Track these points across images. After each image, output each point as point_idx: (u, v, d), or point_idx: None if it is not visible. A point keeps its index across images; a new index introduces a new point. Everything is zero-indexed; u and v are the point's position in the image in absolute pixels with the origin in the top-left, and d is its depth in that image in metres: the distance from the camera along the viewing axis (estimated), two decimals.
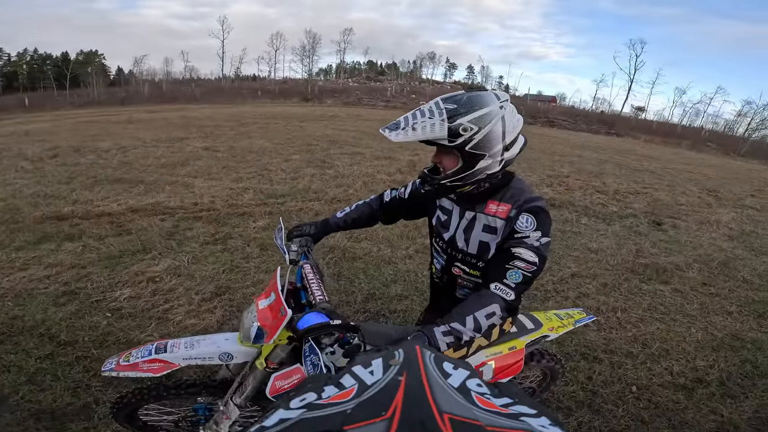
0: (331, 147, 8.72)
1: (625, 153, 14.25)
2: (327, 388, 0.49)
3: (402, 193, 1.52)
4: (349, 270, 3.29)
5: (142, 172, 5.92)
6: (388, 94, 38.06)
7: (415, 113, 1.11)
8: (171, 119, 13.85)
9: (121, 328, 2.40)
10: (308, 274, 1.31)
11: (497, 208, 1.21)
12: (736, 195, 8.24)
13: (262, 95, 35.81)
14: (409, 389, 0.45)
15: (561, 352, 2.49)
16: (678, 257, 4.20)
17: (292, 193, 5.18)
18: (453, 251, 1.34)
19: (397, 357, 0.53)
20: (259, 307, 1.21)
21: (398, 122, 1.10)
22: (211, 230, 3.88)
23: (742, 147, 28.67)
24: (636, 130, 29.81)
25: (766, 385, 2.38)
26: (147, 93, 34.57)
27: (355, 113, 19.78)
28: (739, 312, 3.22)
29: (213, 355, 1.25)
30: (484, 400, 0.46)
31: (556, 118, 30.86)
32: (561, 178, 7.54)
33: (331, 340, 1.13)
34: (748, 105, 40.64)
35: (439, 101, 1.11)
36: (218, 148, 7.95)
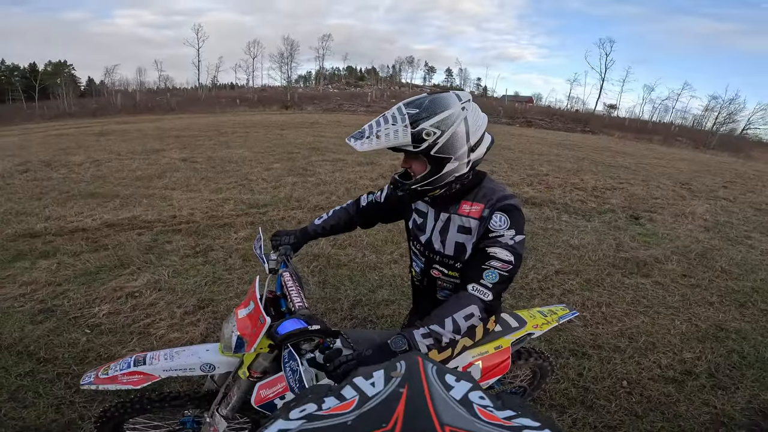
0: (312, 154, 8.66)
1: (601, 150, 14.62)
2: (327, 399, 0.49)
3: (378, 197, 1.53)
4: (334, 277, 3.25)
5: (117, 186, 5.76)
6: (368, 99, 38.14)
7: (379, 120, 1.12)
8: (146, 130, 13.53)
9: (102, 344, 2.36)
10: (287, 282, 1.31)
11: (470, 208, 1.22)
12: (708, 187, 8.54)
13: (240, 104, 35.38)
14: (410, 401, 0.45)
15: (550, 349, 2.51)
16: (657, 250, 4.31)
17: (274, 202, 5.12)
18: (430, 253, 1.34)
19: (399, 369, 0.53)
20: (239, 316, 1.21)
21: (363, 130, 1.11)
22: (191, 243, 3.79)
23: (712, 140, 29.83)
24: (609, 128, 30.66)
25: (755, 375, 2.42)
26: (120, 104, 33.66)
27: (335, 119, 19.73)
28: (721, 302, 3.31)
29: (194, 366, 1.24)
30: (486, 413, 0.45)
31: (534, 117, 31.52)
32: (541, 177, 7.67)
33: (311, 346, 1.13)
34: (714, 100, 42.33)
35: (402, 106, 1.12)
36: (196, 159, 7.80)
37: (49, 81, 44.41)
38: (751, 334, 2.86)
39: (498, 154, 10.25)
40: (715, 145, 28.04)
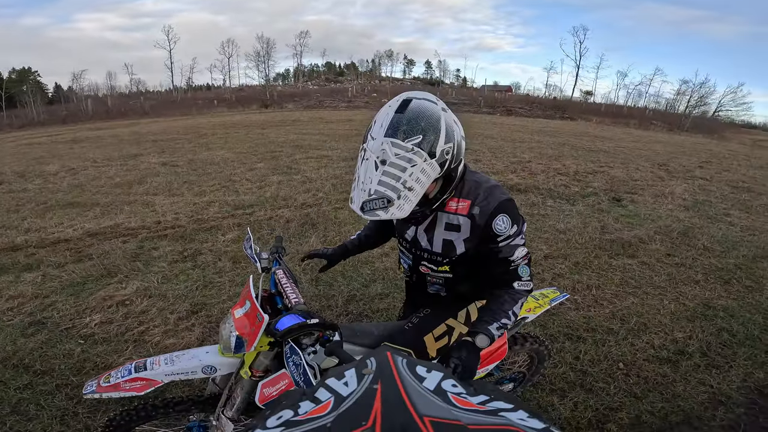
0: (296, 152, 8.57)
1: (580, 135, 14.87)
2: (303, 404, 0.49)
3: None
4: (326, 274, 3.23)
5: (96, 194, 5.60)
6: (349, 94, 37.86)
7: (390, 170, 0.99)
8: (121, 135, 13.16)
9: (97, 353, 2.33)
10: (281, 279, 1.32)
11: (457, 205, 1.20)
12: (685, 167, 8.80)
13: (218, 104, 34.65)
14: (386, 397, 0.45)
15: (545, 334, 2.56)
16: (640, 230, 4.42)
17: (260, 203, 5.05)
18: (417, 251, 1.34)
19: (370, 366, 0.53)
20: (235, 316, 1.21)
21: (381, 195, 0.99)
22: (179, 248, 3.72)
23: (685, 123, 30.58)
24: (587, 113, 31.17)
25: (747, 353, 2.48)
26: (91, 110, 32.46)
27: (317, 116, 19.54)
28: (706, 280, 3.41)
29: (196, 369, 1.23)
30: (461, 400, 0.46)
31: (513, 106, 31.80)
32: (524, 164, 7.78)
33: (311, 340, 1.13)
34: (686, 84, 43.44)
35: (398, 142, 0.99)
36: (177, 163, 7.64)
37: (15, 89, 42.57)
38: (738, 311, 2.94)
39: (481, 143, 10.34)
40: (688, 127, 28.76)
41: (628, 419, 1.96)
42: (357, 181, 1.05)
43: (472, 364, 1.11)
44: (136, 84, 55.60)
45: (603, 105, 41.86)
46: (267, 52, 53.24)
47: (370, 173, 1.01)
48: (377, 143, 1.01)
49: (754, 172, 9.31)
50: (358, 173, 1.06)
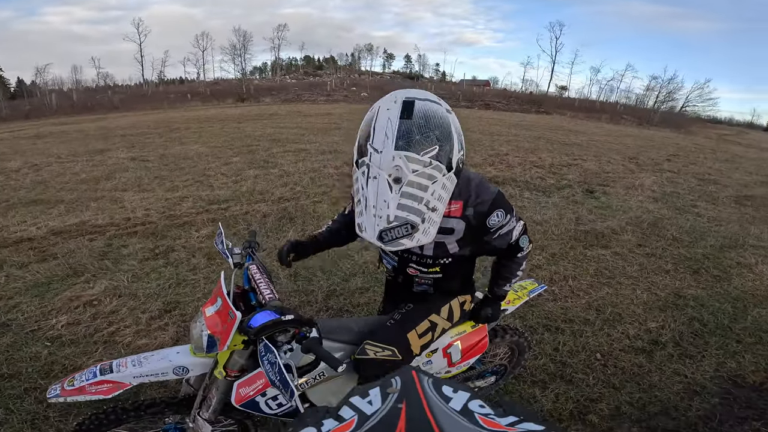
0: (273, 146, 8.39)
1: (555, 129, 15.18)
2: (326, 422, 0.48)
3: (344, 209, 1.48)
4: (305, 269, 3.19)
5: (61, 191, 5.32)
6: (328, 88, 37.39)
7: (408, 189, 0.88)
8: (88, 130, 12.58)
9: (65, 355, 2.24)
10: (255, 275, 1.27)
11: (450, 207, 1.12)
12: (654, 160, 9.11)
13: (192, 98, 33.59)
14: (410, 416, 0.44)
15: (525, 326, 2.58)
16: (612, 222, 4.55)
17: (236, 197, 4.92)
18: (405, 253, 1.29)
19: (395, 385, 0.52)
20: (207, 314, 1.16)
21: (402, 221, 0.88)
22: (150, 245, 3.58)
23: (654, 118, 31.72)
24: (562, 108, 31.93)
25: (718, 342, 2.56)
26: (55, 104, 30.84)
27: (295, 110, 19.21)
28: (675, 270, 3.52)
29: (166, 370, 1.18)
30: (488, 421, 0.45)
31: (491, 100, 32.24)
32: (501, 156, 7.88)
33: (287, 337, 1.10)
34: (655, 80, 45.02)
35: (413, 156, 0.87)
36: (147, 158, 7.35)
37: None
38: (708, 300, 3.05)
39: None
40: (657, 122, 29.83)
41: (608, 410, 1.99)
42: (365, 205, 0.90)
43: (497, 315, 1.51)
44: (103, 78, 53.35)
45: (577, 100, 42.84)
46: (244, 45, 52.00)
47: (384, 196, 0.88)
48: (386, 157, 0.87)
49: (720, 165, 9.73)
50: (364, 195, 0.91)
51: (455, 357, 1.58)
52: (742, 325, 2.76)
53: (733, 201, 6.04)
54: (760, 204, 6.03)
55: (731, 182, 7.49)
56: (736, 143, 20.00)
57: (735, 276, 3.48)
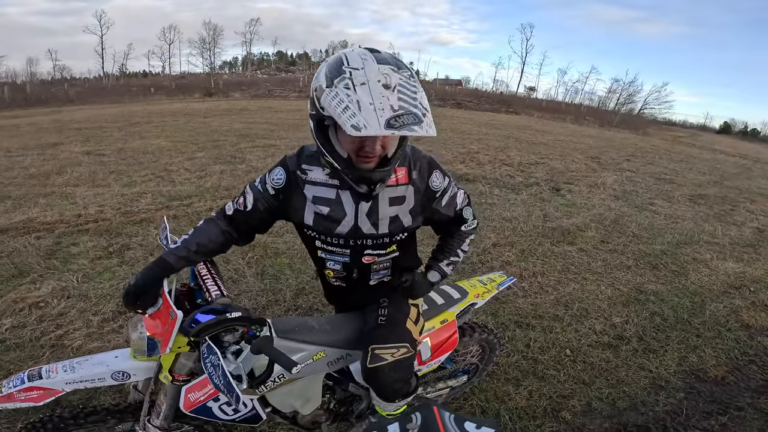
0: (241, 141, 8.11)
1: (523, 129, 15.56)
2: None
3: (241, 204, 1.20)
4: (273, 267, 3.08)
5: (8, 186, 4.92)
6: (300, 84, 36.73)
7: (403, 91, 0.87)
8: (40, 124, 11.74)
9: (10, 360, 2.10)
10: (201, 271, 1.18)
11: (396, 176, 1.11)
12: (614, 160, 9.49)
13: (155, 92, 32.09)
14: None
15: (496, 322, 2.59)
16: (577, 219, 4.68)
17: (200, 193, 4.71)
18: (358, 241, 1.17)
19: (415, 421, 0.50)
20: (145, 316, 1.07)
21: (408, 112, 0.85)
22: (103, 243, 3.36)
23: (614, 119, 33.15)
24: (530, 108, 32.79)
25: (679, 337, 2.65)
26: (8, 97, 28.71)
27: (266, 105, 18.71)
28: (636, 265, 3.65)
29: (104, 375, 1.10)
30: None
31: (463, 99, 32.66)
32: (472, 155, 7.97)
33: (234, 337, 1.02)
34: (616, 83, 47.08)
35: (395, 69, 0.89)
36: (103, 152, 6.92)
37: None
38: (668, 295, 3.17)
39: None
40: (617, 124, 31.13)
41: (580, 406, 2.02)
42: (357, 107, 0.84)
43: (419, 288, 1.35)
44: (60, 70, 50.29)
45: (544, 101, 44.18)
46: (214, 39, 50.35)
47: (381, 93, 0.84)
48: (372, 68, 0.87)
49: (675, 165, 10.26)
50: (353, 99, 0.85)
51: (425, 354, 1.54)
52: (701, 319, 2.89)
53: (688, 199, 6.36)
54: (713, 202, 6.39)
55: (686, 182, 7.90)
56: (690, 145, 21.19)
57: (692, 271, 3.65)
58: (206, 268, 1.19)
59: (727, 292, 3.37)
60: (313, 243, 1.23)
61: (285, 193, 1.16)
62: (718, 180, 8.77)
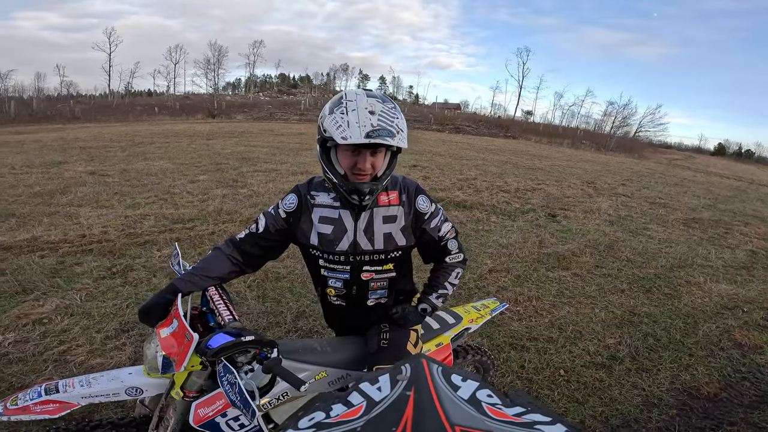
0: (242, 165, 8.28)
1: (521, 154, 15.86)
2: (335, 407, 0.48)
3: (253, 228, 1.33)
4: (274, 290, 3.14)
5: (12, 204, 5.02)
6: (301, 107, 37.43)
7: (383, 115, 1.11)
8: (45, 141, 11.94)
9: (12, 373, 2.17)
10: (213, 296, 1.28)
11: (388, 197, 1.30)
12: (610, 185, 9.66)
13: (159, 112, 32.67)
14: (418, 404, 0.44)
15: (491, 344, 2.64)
16: (572, 244, 4.76)
17: (202, 217, 4.80)
18: (357, 257, 1.30)
19: (404, 372, 0.53)
20: (162, 335, 1.15)
21: (384, 128, 1.09)
22: (106, 263, 3.42)
23: (610, 143, 33.53)
24: (527, 132, 33.31)
25: (672, 356, 2.71)
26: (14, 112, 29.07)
27: (267, 128, 19.03)
28: (630, 289, 3.72)
29: (118, 391, 1.15)
30: (495, 411, 0.45)
31: (462, 124, 33.20)
32: (470, 181, 8.12)
33: (247, 358, 1.10)
34: (611, 105, 47.53)
35: (380, 102, 1.14)
36: (107, 172, 7.07)
37: None
38: (660, 317, 3.23)
39: (430, 161, 10.66)
40: (613, 147, 31.52)
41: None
42: (347, 124, 1.09)
43: (411, 317, 1.41)
44: (66, 86, 51.13)
45: (541, 125, 44.63)
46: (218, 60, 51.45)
47: (366, 116, 1.09)
48: (361, 100, 1.12)
49: (670, 189, 10.45)
50: (345, 120, 1.10)
51: None
52: (694, 339, 2.95)
53: (682, 223, 6.48)
54: (707, 226, 6.51)
55: (680, 206, 8.04)
56: (685, 168, 21.57)
57: (685, 294, 3.72)
58: (218, 294, 1.28)
59: (720, 312, 3.44)
60: (316, 262, 1.35)
61: (295, 216, 1.31)
62: (712, 203, 8.93)
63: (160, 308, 1.21)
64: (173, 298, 1.20)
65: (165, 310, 1.21)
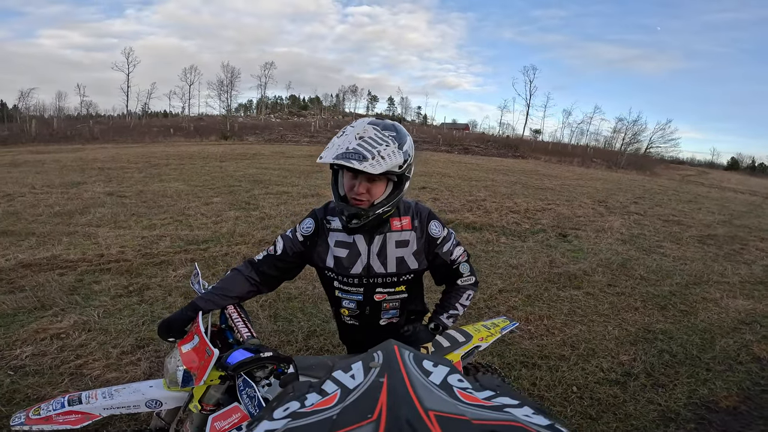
0: (254, 187, 8.45)
1: (530, 174, 15.85)
2: (309, 396, 0.49)
3: (272, 250, 1.39)
4: (285, 310, 3.17)
5: (33, 223, 5.20)
6: (312, 129, 38.15)
7: (368, 141, 1.13)
8: (65, 161, 12.38)
9: (29, 385, 2.22)
10: (232, 314, 1.33)
11: (401, 222, 1.33)
12: (621, 203, 9.59)
13: (175, 133, 33.54)
14: (391, 390, 0.45)
15: (502, 362, 2.63)
16: (584, 264, 4.72)
17: (216, 238, 4.89)
18: (370, 279, 1.34)
19: (377, 359, 0.53)
20: (183, 351, 1.20)
21: (358, 152, 1.10)
22: (123, 282, 3.51)
23: (621, 160, 33.17)
24: (536, 152, 33.25)
25: (688, 372, 2.66)
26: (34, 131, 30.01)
27: (278, 150, 19.44)
28: (644, 306, 3.67)
29: (138, 403, 1.19)
30: (466, 395, 0.47)
31: (470, 144, 33.41)
32: (479, 202, 8.13)
33: (265, 373, 1.15)
34: (621, 122, 47.24)
35: (377, 128, 1.17)
36: (125, 193, 7.29)
37: None
38: (676, 333, 3.19)
39: (439, 182, 10.73)
40: (624, 165, 31.14)
41: None
42: (331, 145, 1.15)
43: (421, 335, 1.40)
44: (86, 106, 52.96)
45: (550, 143, 44.40)
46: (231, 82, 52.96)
47: (349, 140, 1.13)
48: (360, 126, 1.17)
49: (683, 206, 10.32)
50: (334, 141, 1.16)
51: None
52: (711, 354, 2.90)
53: (697, 240, 6.39)
54: (723, 242, 6.41)
55: (694, 222, 7.94)
56: (698, 183, 21.26)
57: (701, 310, 3.67)
58: (236, 312, 1.33)
59: (738, 328, 3.38)
60: (331, 283, 1.39)
61: (312, 240, 1.36)
62: (727, 219, 8.79)
63: (179, 324, 1.27)
64: (193, 315, 1.26)
65: (183, 326, 1.27)
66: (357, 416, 0.41)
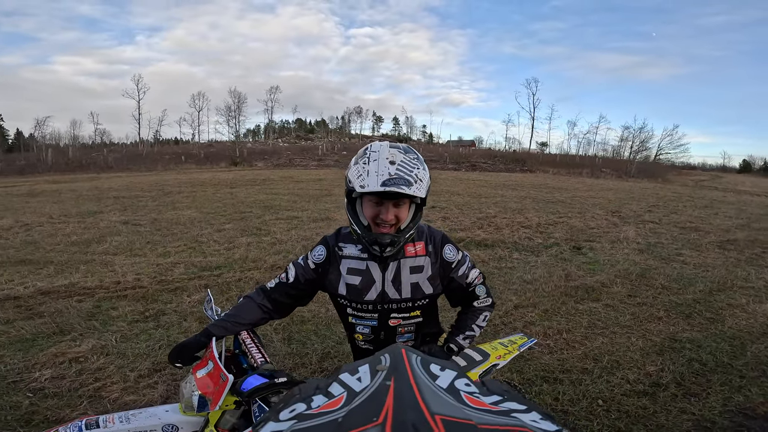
0: (265, 213, 8.52)
1: (539, 187, 15.76)
2: (316, 398, 0.49)
3: (284, 278, 1.39)
4: (299, 333, 3.16)
5: (51, 252, 5.31)
6: (319, 152, 38.67)
7: (402, 165, 1.14)
8: (81, 190, 12.72)
9: (48, 407, 2.23)
10: (245, 340, 1.33)
11: (415, 248, 1.33)
12: (635, 212, 9.45)
13: (186, 160, 34.35)
14: (398, 393, 0.44)
15: (522, 379, 2.56)
16: (601, 275, 4.63)
17: (229, 264, 4.92)
18: (385, 305, 1.33)
19: (384, 362, 0.52)
20: (197, 376, 1.20)
21: (402, 177, 1.11)
22: (140, 308, 3.54)
23: (631, 169, 32.78)
24: (544, 165, 33.12)
25: (721, 379, 2.58)
26: (51, 160, 30.82)
27: (287, 175, 19.65)
28: (668, 316, 3.57)
29: (155, 427, 1.19)
30: (473, 399, 0.46)
31: (477, 161, 33.46)
32: (489, 219, 8.07)
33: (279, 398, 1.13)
34: (627, 130, 46.95)
35: (401, 152, 1.17)
36: (140, 222, 7.42)
37: None
38: (705, 342, 3.08)
39: (448, 200, 10.72)
40: (634, 173, 30.76)
41: None
42: (367, 173, 1.13)
43: (437, 356, 1.28)
44: (100, 135, 54.51)
45: (558, 155, 44.19)
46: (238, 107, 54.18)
47: (385, 166, 1.12)
48: (384, 151, 1.16)
49: (699, 212, 10.11)
50: (365, 169, 1.14)
51: None
52: (743, 361, 2.80)
53: (717, 246, 6.24)
54: (744, 247, 6.25)
55: (713, 228, 7.76)
56: (713, 188, 20.89)
57: (728, 317, 3.55)
58: (249, 337, 1.33)
59: None
60: (345, 310, 1.38)
61: (324, 268, 1.35)
62: (745, 223, 8.58)
63: (191, 350, 1.27)
64: (207, 341, 1.26)
65: (195, 352, 1.27)
66: (363, 419, 0.41)
